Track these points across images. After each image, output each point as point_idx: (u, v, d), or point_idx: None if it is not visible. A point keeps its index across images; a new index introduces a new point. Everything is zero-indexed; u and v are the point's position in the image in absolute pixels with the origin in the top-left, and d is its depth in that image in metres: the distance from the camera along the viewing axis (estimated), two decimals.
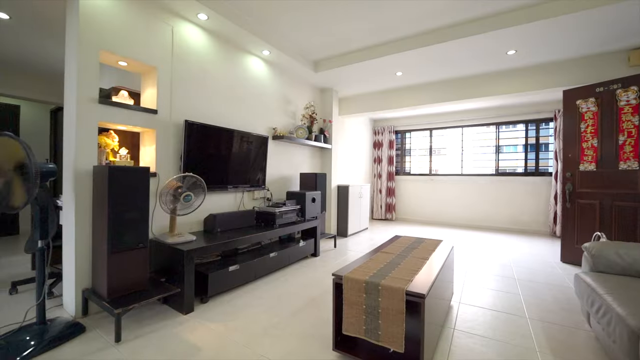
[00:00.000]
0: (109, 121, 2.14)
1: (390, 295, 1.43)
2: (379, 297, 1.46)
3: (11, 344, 1.60)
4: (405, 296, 1.39)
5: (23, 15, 2.55)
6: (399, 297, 1.40)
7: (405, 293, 1.39)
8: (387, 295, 1.44)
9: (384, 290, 1.45)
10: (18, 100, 4.58)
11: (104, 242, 1.83)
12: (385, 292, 1.44)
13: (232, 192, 3.08)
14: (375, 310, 1.47)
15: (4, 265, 3.07)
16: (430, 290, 1.44)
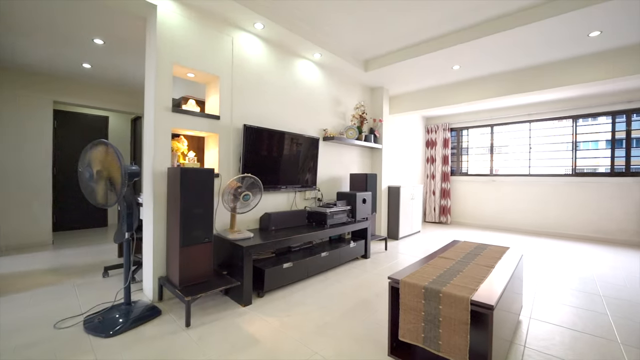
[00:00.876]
0: (180, 127, 2.38)
1: (453, 303, 1.34)
2: (440, 304, 1.38)
3: (105, 320, 1.87)
4: (470, 306, 1.30)
5: (113, 40, 2.97)
6: (463, 306, 1.31)
7: (470, 302, 1.30)
8: (448, 304, 1.35)
9: (445, 297, 1.37)
10: (107, 112, 5.36)
11: (177, 236, 2.04)
12: (447, 300, 1.36)
13: (284, 192, 3.20)
14: (436, 318, 1.39)
15: (97, 252, 3.61)
16: (499, 301, 1.32)
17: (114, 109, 4.69)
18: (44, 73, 3.97)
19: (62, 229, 4.80)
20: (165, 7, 2.27)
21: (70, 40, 3.00)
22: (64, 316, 1.99)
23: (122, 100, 4.74)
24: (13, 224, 3.77)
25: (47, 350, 1.62)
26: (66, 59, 3.49)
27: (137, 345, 1.69)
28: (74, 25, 2.70)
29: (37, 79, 3.95)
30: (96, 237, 4.43)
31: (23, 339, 1.72)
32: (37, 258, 3.33)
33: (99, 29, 2.77)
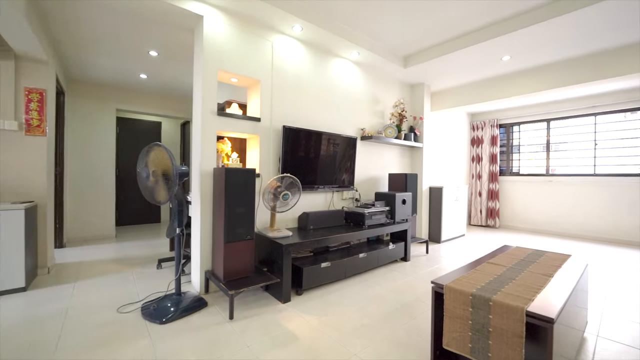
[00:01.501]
0: (224, 130, 2.51)
1: (505, 313, 1.23)
2: (490, 313, 1.28)
3: (159, 308, 2.04)
4: (526, 317, 1.18)
5: (166, 51, 3.24)
6: (517, 317, 1.20)
7: (525, 313, 1.18)
8: (500, 313, 1.25)
9: (496, 306, 1.26)
10: (160, 118, 5.85)
11: (221, 232, 2.15)
12: (498, 309, 1.26)
13: (321, 192, 3.22)
14: (485, 328, 1.29)
15: (152, 246, 3.95)
16: (560, 313, 1.19)
17: (166, 114, 5.10)
18: (108, 84, 4.45)
19: (123, 223, 5.35)
20: (210, 17, 2.41)
21: (129, 54, 3.33)
22: (125, 302, 2.21)
23: (173, 107, 5.13)
24: (84, 219, 4.28)
25: (112, 331, 1.81)
26: (126, 71, 3.88)
27: (186, 333, 1.81)
28: (132, 41, 2.99)
29: (102, 89, 4.45)
30: (151, 232, 4.86)
31: (93, 319, 1.94)
32: (103, 249, 3.74)
33: (154, 42, 3.03)
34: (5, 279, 2.28)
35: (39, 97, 2.75)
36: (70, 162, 4.16)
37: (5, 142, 2.61)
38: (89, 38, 2.95)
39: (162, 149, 1.91)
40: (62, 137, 3.70)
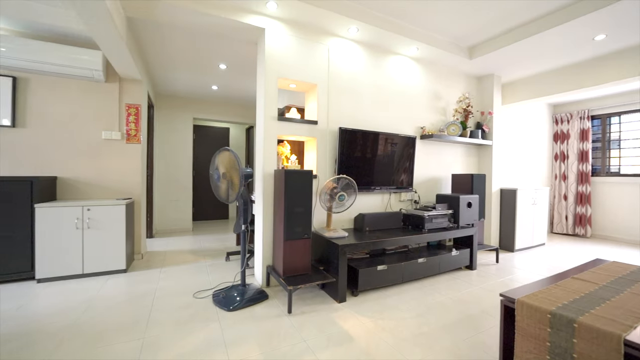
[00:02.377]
0: (284, 133, 2.65)
1: (595, 339, 1.06)
2: (574, 337, 1.11)
3: (227, 296, 2.25)
4: (624, 347, 1.00)
5: (233, 64, 3.56)
6: (612, 345, 1.02)
7: (623, 342, 1.00)
8: (588, 338, 1.08)
9: (583, 330, 1.09)
10: (228, 124, 6.44)
11: (281, 230, 2.29)
12: (586, 333, 1.08)
13: (378, 193, 3.16)
14: (567, 353, 1.13)
15: (222, 240, 4.37)
16: None
17: (233, 120, 5.59)
18: (186, 97, 5.07)
19: (198, 219, 6.03)
20: (271, 28, 2.58)
21: (203, 69, 3.74)
22: (199, 288, 2.50)
23: (239, 113, 5.60)
24: (167, 214, 4.96)
25: (190, 313, 2.07)
26: (200, 84, 4.37)
27: (250, 322, 1.97)
28: (205, 57, 3.36)
29: (181, 101, 5.09)
30: (221, 227, 5.38)
31: (175, 301, 2.25)
32: (182, 241, 4.28)
33: (223, 56, 3.36)
34: (111, 262, 2.78)
35: (135, 111, 3.28)
36: (157, 165, 4.86)
37: (111, 149, 3.18)
38: (171, 58, 3.41)
39: (230, 153, 2.12)
40: (151, 143, 4.35)
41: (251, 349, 1.67)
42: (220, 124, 6.38)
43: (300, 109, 3.03)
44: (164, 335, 1.79)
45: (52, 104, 2.97)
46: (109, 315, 2.01)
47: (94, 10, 1.93)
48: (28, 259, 2.56)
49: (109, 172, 3.17)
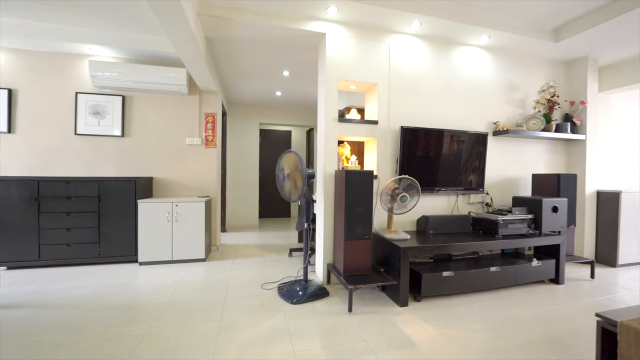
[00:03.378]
0: (344, 134, 2.69)
1: None
2: None
3: (290, 290, 2.38)
4: None
5: (295, 70, 3.74)
6: None
7: None
8: None
9: None
10: (290, 127, 6.77)
11: (342, 230, 2.33)
12: None
13: (443, 195, 2.98)
14: None
15: (284, 236, 4.63)
16: None
17: (295, 123, 5.87)
18: (253, 104, 5.50)
19: (263, 216, 6.48)
20: (331, 32, 2.64)
21: (269, 76, 4.02)
22: (266, 280, 2.70)
23: (300, 116, 5.85)
24: (237, 211, 5.45)
25: (258, 302, 2.25)
26: (266, 91, 4.70)
27: (312, 316, 2.05)
28: (270, 65, 3.60)
29: (249, 108, 5.53)
30: (283, 225, 5.69)
31: (245, 290, 2.47)
32: (250, 236, 4.65)
33: (286, 63, 3.56)
34: (194, 251, 3.18)
35: (212, 119, 3.69)
36: (229, 167, 5.38)
37: (193, 153, 3.64)
38: (241, 69, 3.75)
39: (294, 155, 2.24)
40: (224, 147, 4.83)
41: (313, 342, 1.74)
42: (283, 127, 6.75)
43: (360, 110, 3.04)
44: (237, 319, 1.99)
45: (149, 116, 3.53)
46: (193, 297, 2.31)
47: (182, 35, 2.24)
48: (133, 245, 3.10)
49: (191, 173, 3.64)
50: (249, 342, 1.73)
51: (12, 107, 3.23)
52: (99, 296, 2.31)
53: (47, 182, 2.93)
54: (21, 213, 2.87)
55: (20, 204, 2.87)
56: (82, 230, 3.00)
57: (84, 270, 2.89)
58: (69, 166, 3.34)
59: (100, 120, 3.40)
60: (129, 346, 1.67)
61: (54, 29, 2.98)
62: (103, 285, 2.54)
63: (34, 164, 3.27)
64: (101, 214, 3.04)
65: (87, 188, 3.01)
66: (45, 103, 3.29)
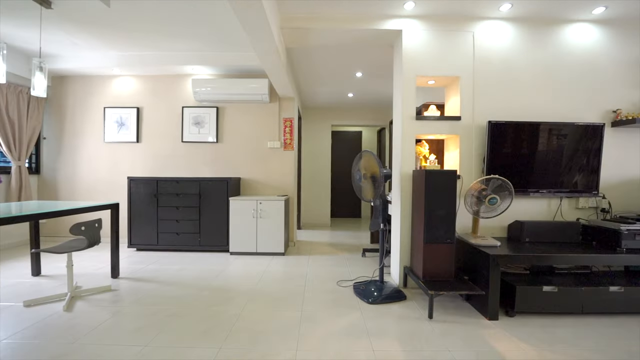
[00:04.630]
0: (422, 133, 2.58)
1: None
2: None
3: (366, 290, 2.39)
4: None
5: (368, 70, 3.74)
6: None
7: None
8: None
9: None
10: (360, 127, 6.77)
11: (421, 232, 2.24)
12: None
13: (538, 198, 2.58)
14: None
15: (356, 237, 4.66)
16: None
17: (365, 124, 5.85)
18: (325, 107, 5.68)
19: (335, 216, 6.64)
20: (408, 28, 2.56)
21: (342, 79, 4.11)
22: (341, 278, 2.77)
23: (371, 116, 5.81)
24: (311, 210, 5.70)
25: (334, 297, 2.33)
26: (338, 93, 4.81)
27: (389, 318, 2.03)
28: (344, 68, 3.68)
29: (322, 111, 5.74)
30: (354, 225, 5.73)
31: (322, 285, 2.58)
32: (323, 234, 4.82)
33: (359, 65, 3.58)
34: (274, 245, 3.46)
35: (290, 124, 3.95)
36: (304, 168, 5.68)
37: (273, 155, 3.96)
38: (315, 74, 3.92)
39: (371, 155, 2.25)
40: (300, 149, 5.12)
41: (392, 344, 1.72)
42: (354, 128, 6.80)
43: (439, 106, 2.86)
44: (316, 312, 2.10)
45: (237, 124, 3.98)
46: (276, 287, 2.52)
47: (267, 48, 2.47)
48: (225, 236, 3.54)
49: (272, 174, 3.96)
50: (329, 335, 1.80)
51: (139, 122, 4.04)
52: (201, 278, 2.71)
53: (163, 182, 3.57)
54: (146, 206, 3.57)
55: (145, 199, 3.57)
56: (187, 222, 3.56)
57: (189, 256, 3.43)
58: (177, 168, 4.01)
59: (200, 129, 3.98)
60: (227, 324, 1.92)
61: (166, 56, 3.63)
62: (203, 269, 2.97)
63: (153, 167, 4.02)
64: (201, 209, 3.56)
65: (190, 187, 3.56)
66: (161, 117, 4.02)
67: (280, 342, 1.72)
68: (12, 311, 2.04)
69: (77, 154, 4.11)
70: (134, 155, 4.04)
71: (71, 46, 3.48)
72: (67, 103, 4.12)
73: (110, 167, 4.08)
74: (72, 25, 2.95)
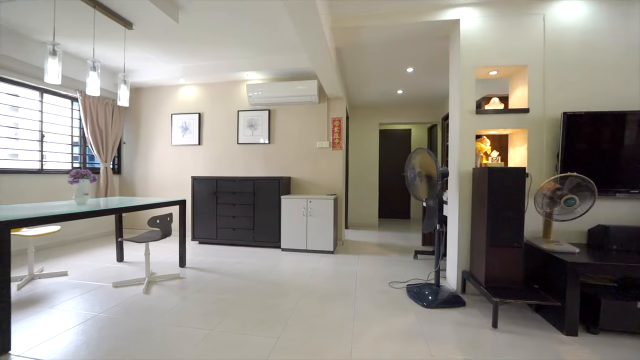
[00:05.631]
0: (483, 128, 2.40)
1: None
2: None
3: (420, 292, 2.30)
4: None
5: (420, 65, 3.59)
6: None
7: None
8: None
9: None
10: (409, 125, 6.53)
11: (483, 235, 2.08)
12: None
13: (626, 199, 2.22)
14: None
15: (405, 238, 4.50)
16: None
17: (416, 121, 5.62)
18: (373, 105, 5.59)
19: (383, 216, 6.50)
20: (466, 17, 2.40)
21: (391, 76, 4.00)
22: (392, 279, 2.70)
23: (422, 113, 5.56)
24: (358, 210, 5.65)
25: (387, 298, 2.28)
26: (387, 91, 4.69)
27: (447, 324, 1.92)
28: (395, 64, 3.58)
29: (369, 110, 5.66)
30: (403, 226, 5.54)
31: (373, 285, 2.54)
32: (370, 234, 4.75)
33: (411, 60, 3.46)
34: (323, 243, 3.51)
35: (338, 123, 3.97)
36: (351, 167, 5.66)
37: (322, 155, 4.02)
38: (364, 73, 3.88)
39: (426, 152, 2.16)
40: (347, 149, 5.11)
41: (452, 351, 1.63)
42: (403, 126, 6.59)
43: (502, 98, 2.64)
44: (368, 311, 2.08)
45: (287, 125, 4.12)
46: (327, 284, 2.56)
47: (318, 49, 2.52)
48: (277, 233, 3.69)
49: (320, 173, 4.02)
50: (384, 335, 1.77)
51: (201, 126, 4.41)
52: (256, 272, 2.86)
53: (221, 181, 3.85)
54: (207, 203, 3.88)
55: (206, 197, 3.88)
56: (242, 219, 3.79)
57: (244, 250, 3.65)
58: (233, 168, 4.29)
59: (254, 131, 4.21)
60: (283, 316, 2.00)
61: (224, 65, 3.91)
62: (257, 263, 3.13)
63: (213, 167, 4.35)
64: (255, 206, 3.75)
65: (245, 185, 3.78)
66: (219, 121, 4.34)
67: (334, 338, 1.74)
68: (104, 290, 2.38)
69: (149, 156, 4.64)
70: (196, 156, 4.43)
71: (145, 61, 3.94)
72: (142, 111, 4.68)
73: (177, 167, 4.52)
74: (147, 42, 3.34)
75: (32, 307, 2.08)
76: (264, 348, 1.63)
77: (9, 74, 3.27)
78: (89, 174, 2.43)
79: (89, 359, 1.52)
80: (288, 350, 1.61)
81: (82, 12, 2.68)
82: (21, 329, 1.81)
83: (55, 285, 2.48)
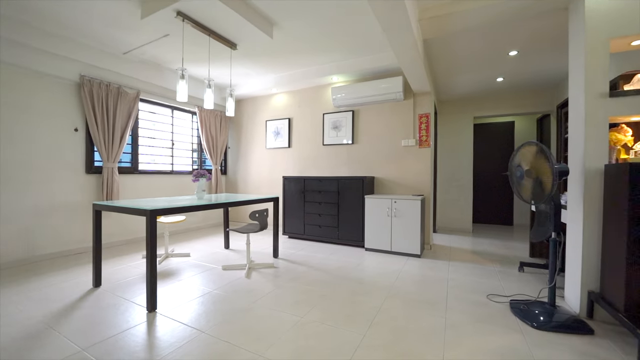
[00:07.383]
0: (620, 114, 1.91)
1: None
2: None
3: (528, 311, 1.98)
4: None
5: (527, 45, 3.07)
6: None
7: None
8: None
9: None
10: (512, 117, 5.65)
11: (622, 248, 1.66)
12: None
13: None
14: None
15: (507, 247, 3.92)
16: None
17: (520, 112, 4.83)
18: (465, 97, 5.05)
19: (477, 221, 5.82)
20: None
21: (488, 63, 3.55)
22: (491, 292, 2.39)
23: (528, 103, 4.74)
24: (448, 213, 5.20)
25: (485, 312, 2.04)
26: (482, 80, 4.18)
27: (565, 351, 1.60)
28: (493, 49, 3.16)
29: (461, 103, 5.13)
30: (504, 234, 4.84)
31: (469, 296, 2.30)
32: (462, 240, 4.31)
33: (515, 41, 3.00)
34: (409, 246, 3.37)
35: (426, 120, 3.75)
36: (440, 166, 5.25)
37: (408, 154, 3.85)
38: (455, 63, 3.55)
39: (537, 147, 1.85)
40: (435, 146, 4.77)
41: None
42: (503, 119, 5.76)
43: None
44: (462, 322, 1.90)
45: (370, 125, 4.10)
46: (413, 288, 2.45)
47: (406, 43, 2.44)
48: (360, 232, 3.72)
49: (406, 173, 3.87)
50: (482, 350, 1.60)
51: (290, 130, 4.79)
52: (341, 269, 2.95)
53: (308, 180, 4.11)
54: (296, 201, 4.20)
55: (295, 195, 4.20)
56: (327, 216, 3.95)
57: (329, 247, 3.80)
58: (319, 168, 4.52)
59: (338, 132, 4.34)
60: (369, 314, 2.01)
61: (310, 71, 4.15)
62: (342, 261, 3.22)
63: (301, 167, 4.68)
64: (339, 205, 3.87)
65: (330, 185, 3.93)
66: (306, 124, 4.63)
67: (423, 344, 1.66)
68: (216, 272, 2.84)
69: (248, 159, 5.30)
70: (287, 158, 4.84)
71: (244, 76, 4.51)
72: (242, 120, 5.38)
73: (270, 168, 5.03)
74: (246, 59, 3.83)
75: (167, 279, 2.64)
76: (350, 343, 1.67)
77: (150, 96, 4.23)
78: (206, 174, 2.94)
79: (205, 327, 1.85)
80: (375, 349, 1.62)
81: (200, 39, 3.25)
82: (161, 294, 2.31)
83: (182, 264, 3.08)
